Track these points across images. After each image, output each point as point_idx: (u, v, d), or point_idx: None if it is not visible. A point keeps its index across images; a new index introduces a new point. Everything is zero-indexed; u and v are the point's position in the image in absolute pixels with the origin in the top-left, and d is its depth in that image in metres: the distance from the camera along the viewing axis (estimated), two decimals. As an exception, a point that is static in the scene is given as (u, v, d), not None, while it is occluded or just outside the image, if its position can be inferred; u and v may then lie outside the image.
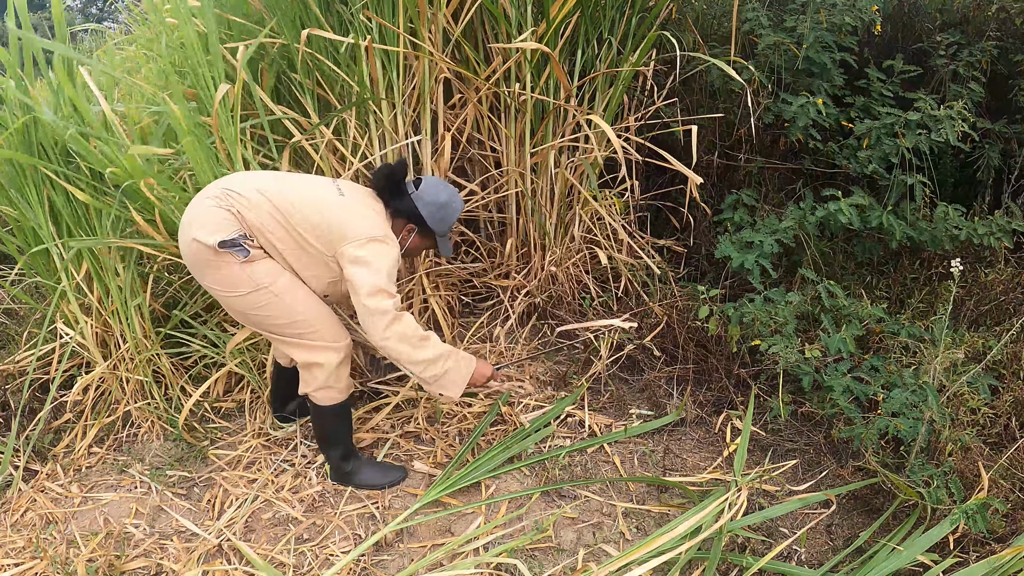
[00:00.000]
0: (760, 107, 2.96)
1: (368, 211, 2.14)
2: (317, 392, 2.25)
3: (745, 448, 2.30)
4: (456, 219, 2.32)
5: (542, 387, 2.76)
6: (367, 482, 2.38)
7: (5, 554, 2.29)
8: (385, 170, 2.21)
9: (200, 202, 2.07)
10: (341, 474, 2.40)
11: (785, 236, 2.71)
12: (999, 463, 2.11)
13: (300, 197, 2.09)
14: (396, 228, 2.26)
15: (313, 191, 2.12)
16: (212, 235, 2.00)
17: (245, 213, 2.04)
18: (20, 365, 3.00)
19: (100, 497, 2.48)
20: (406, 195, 2.23)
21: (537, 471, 2.40)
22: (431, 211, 2.22)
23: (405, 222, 2.26)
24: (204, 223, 2.02)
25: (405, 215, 2.24)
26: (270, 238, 2.06)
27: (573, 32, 2.77)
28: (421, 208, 2.22)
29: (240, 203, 2.04)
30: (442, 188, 2.26)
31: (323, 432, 2.37)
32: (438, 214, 2.24)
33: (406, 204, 2.23)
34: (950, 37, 3.04)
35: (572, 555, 2.11)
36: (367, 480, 2.38)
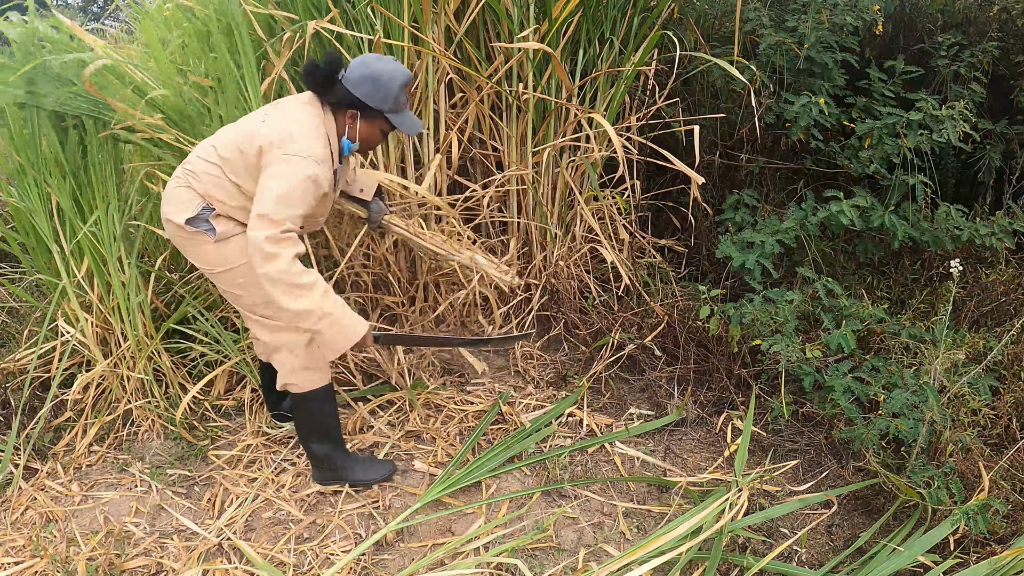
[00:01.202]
0: (762, 107, 2.95)
1: (289, 123, 1.97)
2: (292, 376, 2.19)
3: (746, 448, 2.30)
4: (403, 87, 2.01)
5: (543, 387, 2.76)
6: (357, 478, 2.33)
7: (5, 552, 2.29)
8: (310, 69, 2.00)
9: (168, 185, 2.11)
10: (329, 471, 2.33)
11: (786, 237, 2.71)
12: (1000, 464, 2.11)
13: (228, 144, 2.01)
14: (340, 123, 2.06)
15: (237, 130, 2.03)
16: (178, 214, 2.04)
17: (196, 185, 2.03)
18: (21, 363, 2.99)
19: (100, 496, 2.48)
20: (338, 84, 2.00)
21: (538, 471, 2.40)
22: (365, 88, 1.98)
23: (345, 112, 2.04)
24: (170, 203, 2.07)
25: (344, 104, 2.02)
26: (223, 200, 2.02)
27: (575, 32, 2.77)
28: (353, 88, 1.98)
29: (190, 177, 2.05)
30: (371, 60, 2.02)
31: (309, 422, 2.27)
32: (372, 87, 1.98)
33: (340, 93, 2.00)
34: (952, 38, 3.04)
35: (573, 555, 2.11)
36: (358, 476, 2.33)
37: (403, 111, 2.07)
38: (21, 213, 2.85)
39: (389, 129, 2.10)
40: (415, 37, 2.62)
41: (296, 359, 2.17)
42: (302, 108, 2.02)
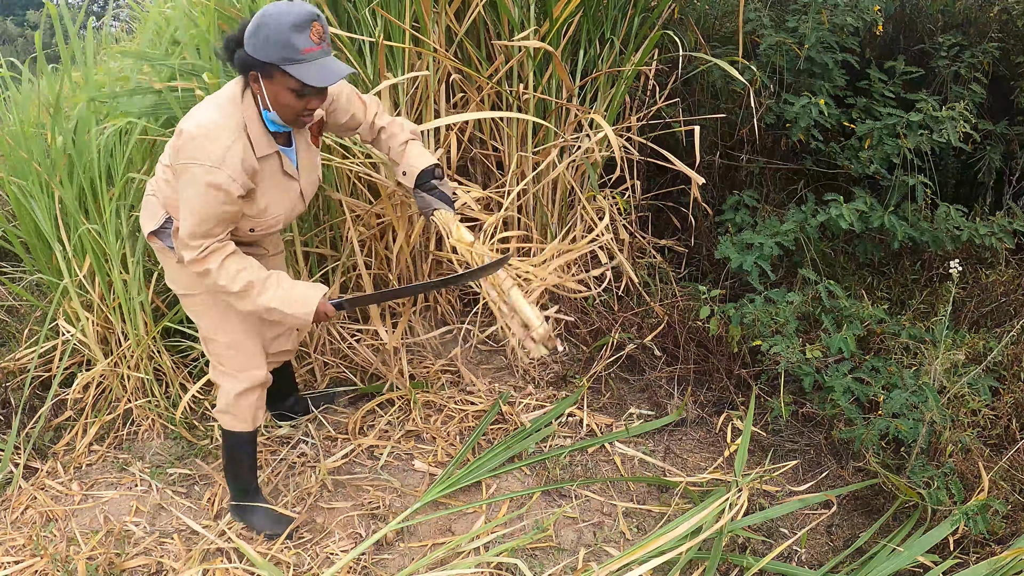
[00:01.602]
0: (762, 107, 2.96)
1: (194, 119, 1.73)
2: (218, 413, 2.15)
3: (746, 448, 2.30)
4: (294, 28, 1.62)
5: (543, 387, 2.76)
6: (255, 525, 2.24)
7: (5, 552, 2.29)
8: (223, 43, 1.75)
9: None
10: (234, 505, 2.27)
11: (786, 239, 2.72)
12: (999, 464, 2.11)
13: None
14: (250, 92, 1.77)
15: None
16: (146, 225, 1.95)
17: (158, 193, 1.93)
18: (21, 362, 3.00)
19: (100, 495, 2.48)
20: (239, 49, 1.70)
21: (538, 470, 2.40)
22: (255, 40, 1.64)
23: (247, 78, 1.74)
24: (142, 210, 1.99)
25: (246, 68, 1.71)
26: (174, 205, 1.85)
27: (575, 32, 2.77)
28: (247, 47, 1.66)
29: (152, 182, 1.95)
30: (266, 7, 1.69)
31: (225, 459, 2.25)
32: (257, 38, 1.64)
33: (240, 58, 1.69)
34: (952, 38, 3.04)
35: (573, 555, 2.11)
36: (256, 524, 2.24)
37: (307, 58, 1.65)
38: (24, 210, 2.85)
39: (297, 86, 1.67)
40: (415, 39, 2.62)
41: (228, 404, 2.11)
42: (218, 95, 1.78)
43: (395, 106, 2.76)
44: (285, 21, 1.62)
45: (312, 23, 1.64)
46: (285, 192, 1.90)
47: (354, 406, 2.73)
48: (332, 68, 1.68)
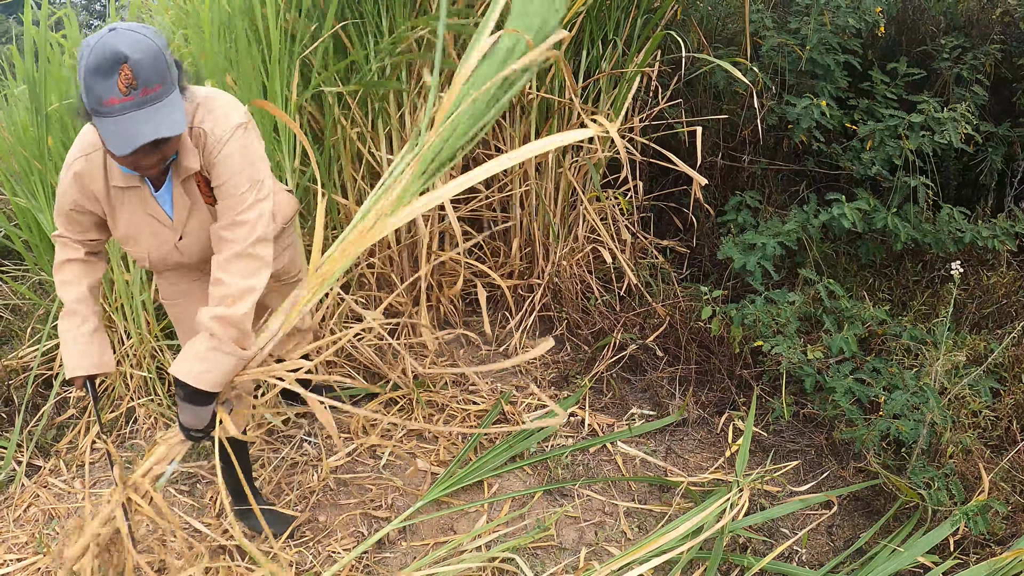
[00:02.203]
0: (764, 109, 2.97)
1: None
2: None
3: (747, 449, 2.31)
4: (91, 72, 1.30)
5: (545, 387, 2.77)
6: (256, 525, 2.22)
7: (8, 549, 2.31)
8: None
9: None
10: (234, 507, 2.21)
11: (788, 239, 2.73)
12: (1000, 465, 2.12)
13: None
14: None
15: None
16: None
17: None
18: (23, 361, 3.01)
19: (103, 493, 2.49)
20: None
21: (539, 470, 2.42)
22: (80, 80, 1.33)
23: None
24: None
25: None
26: None
27: (578, 32, 2.78)
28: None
29: None
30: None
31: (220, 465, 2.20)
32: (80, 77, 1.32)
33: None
34: (954, 40, 3.05)
35: (574, 554, 2.12)
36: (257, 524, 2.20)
37: (110, 110, 1.32)
38: (25, 211, 2.87)
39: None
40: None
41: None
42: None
43: (399, 106, 2.78)
44: (85, 64, 1.30)
45: (119, 67, 1.29)
46: (153, 234, 1.66)
47: (356, 405, 2.74)
48: (132, 131, 1.33)
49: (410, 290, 2.92)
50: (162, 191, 1.62)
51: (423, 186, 1.67)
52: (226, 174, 1.57)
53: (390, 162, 2.81)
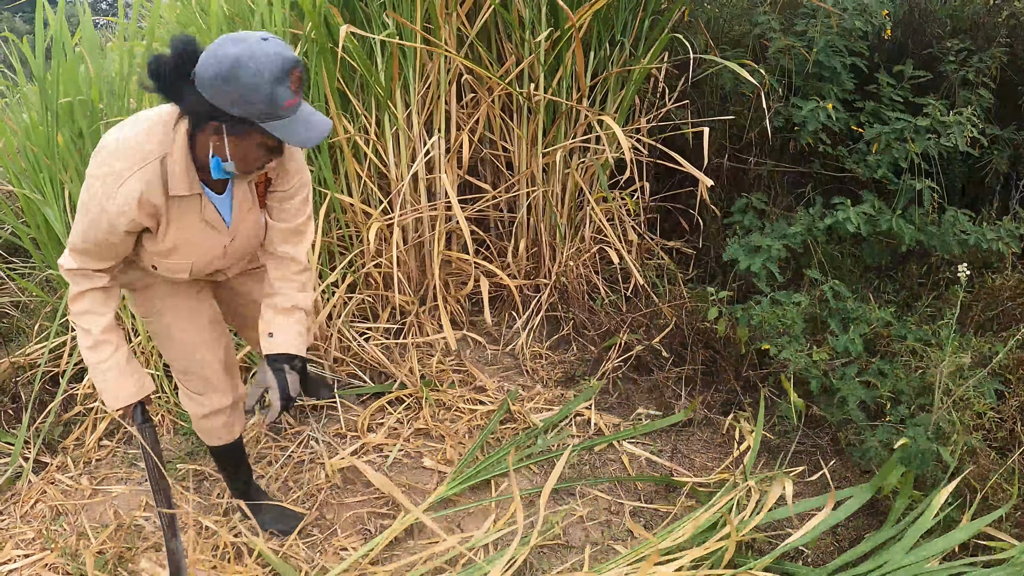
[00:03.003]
0: (771, 111, 2.98)
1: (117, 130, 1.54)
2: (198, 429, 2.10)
3: (756, 450, 2.33)
4: (277, 80, 1.36)
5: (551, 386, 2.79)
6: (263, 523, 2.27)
7: (15, 545, 2.32)
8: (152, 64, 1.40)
9: None
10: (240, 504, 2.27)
11: (793, 241, 2.74)
12: (1005, 467, 2.14)
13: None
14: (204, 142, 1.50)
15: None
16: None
17: None
18: (31, 358, 3.03)
19: (110, 490, 2.51)
20: (187, 85, 1.41)
21: (546, 469, 2.43)
22: (218, 90, 1.36)
23: (206, 126, 1.46)
24: None
25: (199, 116, 1.44)
26: None
27: (586, 33, 2.80)
28: (204, 91, 1.38)
29: None
30: (226, 46, 1.36)
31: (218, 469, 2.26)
32: (229, 91, 1.36)
33: (191, 98, 1.41)
34: (960, 43, 3.06)
35: (580, 552, 2.14)
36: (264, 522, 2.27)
37: (287, 112, 1.42)
38: (33, 207, 2.88)
39: (275, 143, 1.48)
40: (426, 39, 2.65)
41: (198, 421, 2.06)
42: (155, 112, 1.56)
43: (406, 106, 2.79)
44: (266, 72, 1.35)
45: (292, 71, 1.38)
46: (203, 241, 1.67)
47: (363, 404, 2.76)
48: (315, 123, 1.45)
49: (416, 290, 2.94)
50: (224, 196, 1.65)
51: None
52: (295, 178, 1.70)
53: (397, 163, 2.83)
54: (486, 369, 2.90)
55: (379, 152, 2.83)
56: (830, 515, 2.15)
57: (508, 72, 2.80)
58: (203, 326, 1.90)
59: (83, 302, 1.64)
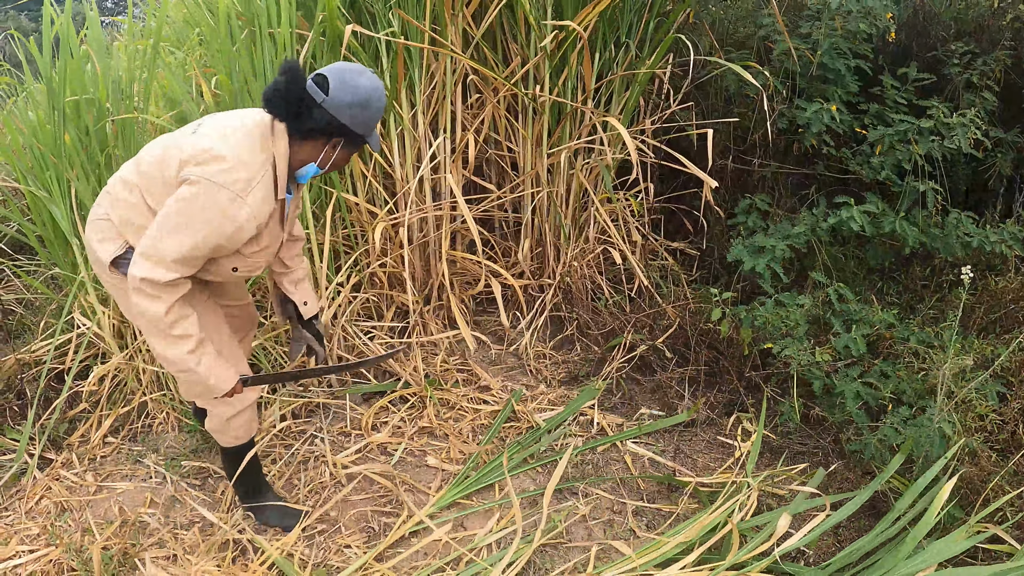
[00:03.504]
0: (775, 112, 3.00)
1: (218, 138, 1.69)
2: (213, 432, 2.17)
3: (758, 450, 2.35)
4: (384, 107, 1.78)
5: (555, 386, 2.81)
6: (267, 520, 2.31)
7: (20, 541, 2.34)
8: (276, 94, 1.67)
9: (91, 211, 1.87)
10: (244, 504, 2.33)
11: (797, 241, 2.76)
12: (1006, 468, 2.15)
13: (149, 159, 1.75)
14: (314, 150, 1.77)
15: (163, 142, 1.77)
16: (104, 249, 1.80)
17: (111, 211, 1.79)
18: (36, 355, 3.05)
19: (115, 486, 2.53)
20: (315, 107, 1.69)
21: (550, 469, 2.45)
22: (355, 114, 1.70)
23: (327, 140, 1.75)
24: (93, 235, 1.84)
25: (324, 133, 1.73)
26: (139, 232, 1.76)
27: (591, 35, 2.82)
28: (340, 116, 1.69)
29: (107, 201, 1.81)
30: (355, 79, 1.69)
31: (230, 470, 2.27)
32: (364, 114, 1.71)
33: (319, 120, 1.70)
34: (964, 46, 3.08)
35: (584, 552, 2.15)
36: (267, 519, 2.31)
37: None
38: (40, 204, 2.90)
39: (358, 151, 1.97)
40: (433, 39, 2.67)
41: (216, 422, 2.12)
42: (242, 123, 1.73)
43: (412, 106, 2.81)
44: (383, 100, 1.76)
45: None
46: (274, 241, 1.86)
47: (367, 403, 2.78)
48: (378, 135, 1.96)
49: (421, 289, 2.95)
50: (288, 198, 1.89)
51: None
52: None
53: (402, 163, 2.85)
54: (490, 369, 2.92)
55: (384, 152, 2.85)
56: (831, 516, 2.17)
57: (513, 73, 2.82)
58: (224, 324, 2.04)
59: (175, 311, 1.72)
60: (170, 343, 1.74)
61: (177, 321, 1.73)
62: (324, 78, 1.69)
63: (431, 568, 2.08)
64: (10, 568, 2.25)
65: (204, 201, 1.64)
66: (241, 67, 2.55)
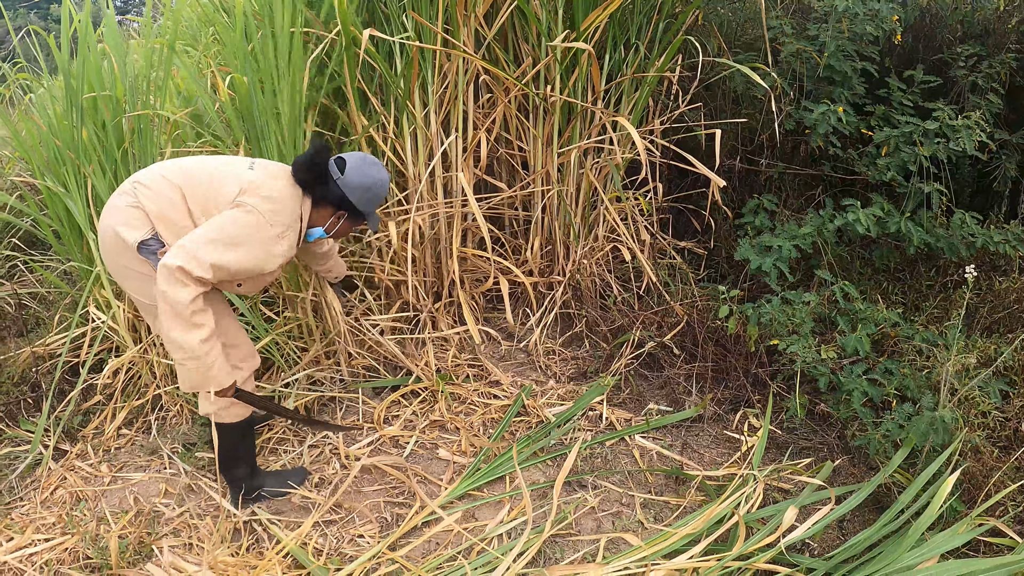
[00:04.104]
0: (782, 114, 3.07)
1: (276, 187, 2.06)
2: (221, 412, 2.28)
3: (764, 445, 2.41)
4: (385, 195, 2.24)
5: (564, 382, 2.88)
6: (274, 491, 2.44)
7: (36, 529, 2.40)
8: (305, 163, 2.09)
9: (114, 200, 2.06)
10: (247, 491, 2.41)
11: (804, 242, 2.83)
12: (1008, 464, 2.22)
13: (198, 169, 2.05)
14: (322, 216, 2.21)
15: (212, 163, 2.08)
16: (131, 233, 2.00)
17: (147, 204, 2.01)
18: (51, 348, 3.13)
19: (130, 477, 2.60)
20: (331, 181, 2.13)
21: (559, 462, 2.52)
22: (359, 195, 2.15)
23: (334, 210, 2.19)
24: (120, 219, 2.02)
25: (333, 203, 2.17)
26: (175, 221, 2.02)
27: (601, 36, 2.89)
28: (349, 194, 2.14)
29: (143, 193, 2.02)
30: (367, 168, 2.16)
31: (230, 451, 2.36)
32: (366, 196, 2.17)
33: (332, 191, 2.14)
34: (970, 49, 3.15)
35: (593, 543, 2.22)
36: (273, 487, 2.44)
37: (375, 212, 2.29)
38: (56, 199, 2.98)
39: (363, 226, 2.36)
40: (445, 40, 2.75)
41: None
42: (288, 180, 2.11)
43: (424, 105, 2.89)
44: (385, 188, 2.22)
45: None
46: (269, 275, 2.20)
47: (379, 397, 2.85)
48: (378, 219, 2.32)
49: (432, 286, 3.03)
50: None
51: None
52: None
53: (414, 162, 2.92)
54: (500, 364, 3.00)
55: (396, 150, 2.92)
56: (835, 508, 2.23)
57: (524, 73, 2.90)
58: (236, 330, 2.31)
59: (199, 301, 1.95)
60: (187, 328, 1.93)
61: (197, 312, 1.94)
62: (344, 162, 2.15)
63: (443, 557, 2.15)
64: (26, 556, 2.31)
65: (254, 231, 2.00)
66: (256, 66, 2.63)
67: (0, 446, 2.80)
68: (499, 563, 2.09)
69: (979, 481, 2.22)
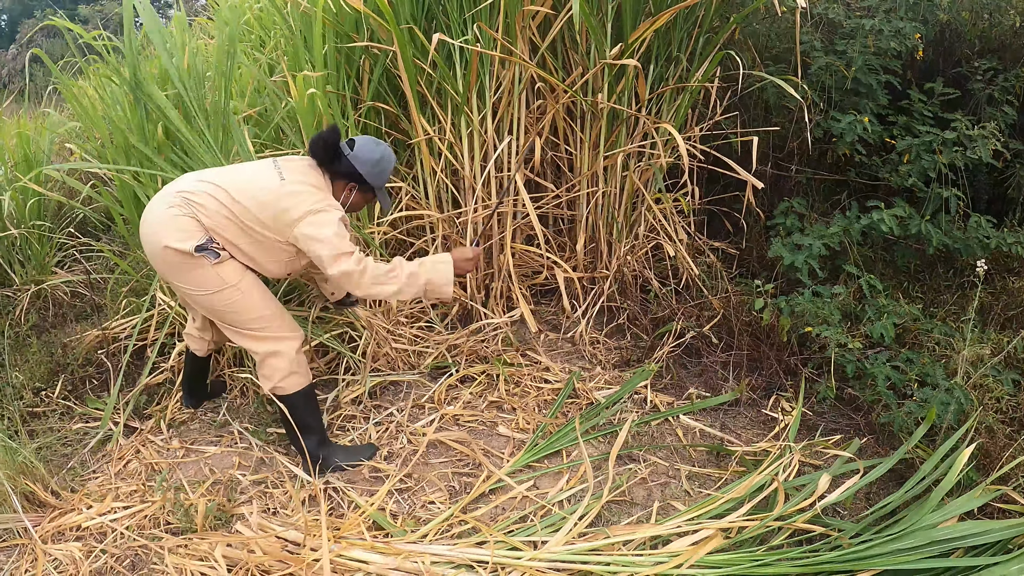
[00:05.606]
0: (811, 123, 3.53)
1: (305, 187, 2.52)
2: (282, 382, 2.67)
3: (797, 423, 2.84)
4: (391, 171, 2.70)
5: (609, 369, 3.31)
6: (345, 463, 2.82)
7: (115, 498, 2.72)
8: (319, 141, 2.56)
9: (161, 210, 2.47)
10: (319, 463, 2.78)
11: (832, 241, 3.28)
12: (1019, 442, 2.66)
13: (244, 194, 2.48)
14: (338, 190, 2.66)
15: (254, 182, 2.51)
16: (185, 242, 2.42)
17: (203, 218, 2.45)
18: (115, 331, 3.51)
19: (203, 450, 2.96)
20: (343, 158, 2.59)
21: (610, 439, 2.94)
22: (368, 169, 2.60)
23: (346, 183, 2.64)
24: (171, 230, 2.43)
25: (345, 177, 2.63)
26: (227, 237, 2.49)
27: (647, 49, 3.34)
28: (359, 167, 2.59)
29: (197, 209, 2.45)
30: (375, 145, 2.63)
31: (298, 422, 2.73)
32: (374, 170, 2.62)
33: (344, 166, 2.60)
34: (987, 63, 3.62)
35: (646, 508, 2.64)
36: (345, 461, 2.82)
37: (384, 187, 2.73)
38: (127, 187, 3.36)
39: (373, 201, 2.78)
40: (505, 48, 3.19)
41: (291, 363, 2.67)
42: (310, 169, 2.59)
43: (479, 110, 3.32)
44: (391, 164, 2.69)
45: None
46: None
47: (435, 380, 3.27)
48: (388, 198, 2.81)
49: (484, 279, 3.45)
50: None
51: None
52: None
53: (470, 163, 3.35)
54: (548, 353, 3.42)
55: (453, 150, 3.35)
56: (863, 477, 2.66)
57: (574, 81, 3.34)
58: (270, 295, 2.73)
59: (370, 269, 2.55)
60: (397, 276, 2.58)
61: (383, 268, 2.57)
62: (353, 142, 2.62)
63: (512, 519, 2.55)
64: (108, 521, 2.66)
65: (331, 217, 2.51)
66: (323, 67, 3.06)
67: (71, 422, 3.16)
68: (564, 524, 2.50)
69: (993, 456, 2.65)
